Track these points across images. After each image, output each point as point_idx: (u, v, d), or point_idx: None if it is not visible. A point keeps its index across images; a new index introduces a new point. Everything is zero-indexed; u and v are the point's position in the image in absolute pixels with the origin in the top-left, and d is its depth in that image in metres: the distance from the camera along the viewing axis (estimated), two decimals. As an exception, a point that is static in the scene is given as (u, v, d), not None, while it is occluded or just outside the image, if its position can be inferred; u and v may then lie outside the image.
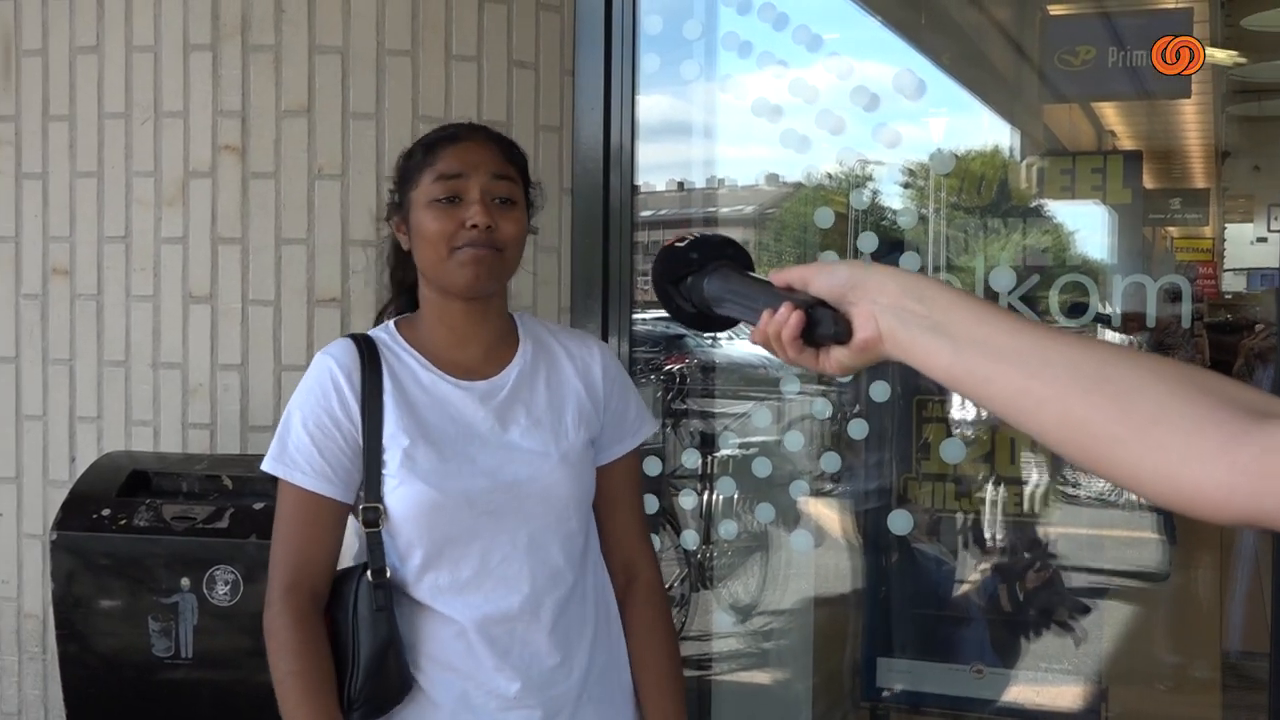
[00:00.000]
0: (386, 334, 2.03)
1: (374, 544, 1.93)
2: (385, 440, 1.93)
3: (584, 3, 3.18)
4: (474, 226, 1.91)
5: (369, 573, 1.93)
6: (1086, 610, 3.52)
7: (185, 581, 2.73)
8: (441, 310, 2.01)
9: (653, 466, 3.09)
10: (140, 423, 3.19)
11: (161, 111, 3.16)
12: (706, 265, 1.35)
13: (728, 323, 1.36)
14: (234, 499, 2.83)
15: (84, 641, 2.80)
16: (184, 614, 2.73)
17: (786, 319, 1.17)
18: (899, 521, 3.22)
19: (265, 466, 1.95)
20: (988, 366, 1.04)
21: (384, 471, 1.93)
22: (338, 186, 3.10)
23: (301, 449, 1.93)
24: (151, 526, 2.77)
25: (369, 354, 1.97)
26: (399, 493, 1.92)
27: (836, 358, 1.17)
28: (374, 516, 1.93)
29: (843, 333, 1.15)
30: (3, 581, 3.32)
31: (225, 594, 2.71)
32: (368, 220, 3.10)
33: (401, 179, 2.02)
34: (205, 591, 2.72)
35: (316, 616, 1.93)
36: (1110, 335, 3.29)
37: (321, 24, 3.09)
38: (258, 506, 2.76)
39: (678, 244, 1.39)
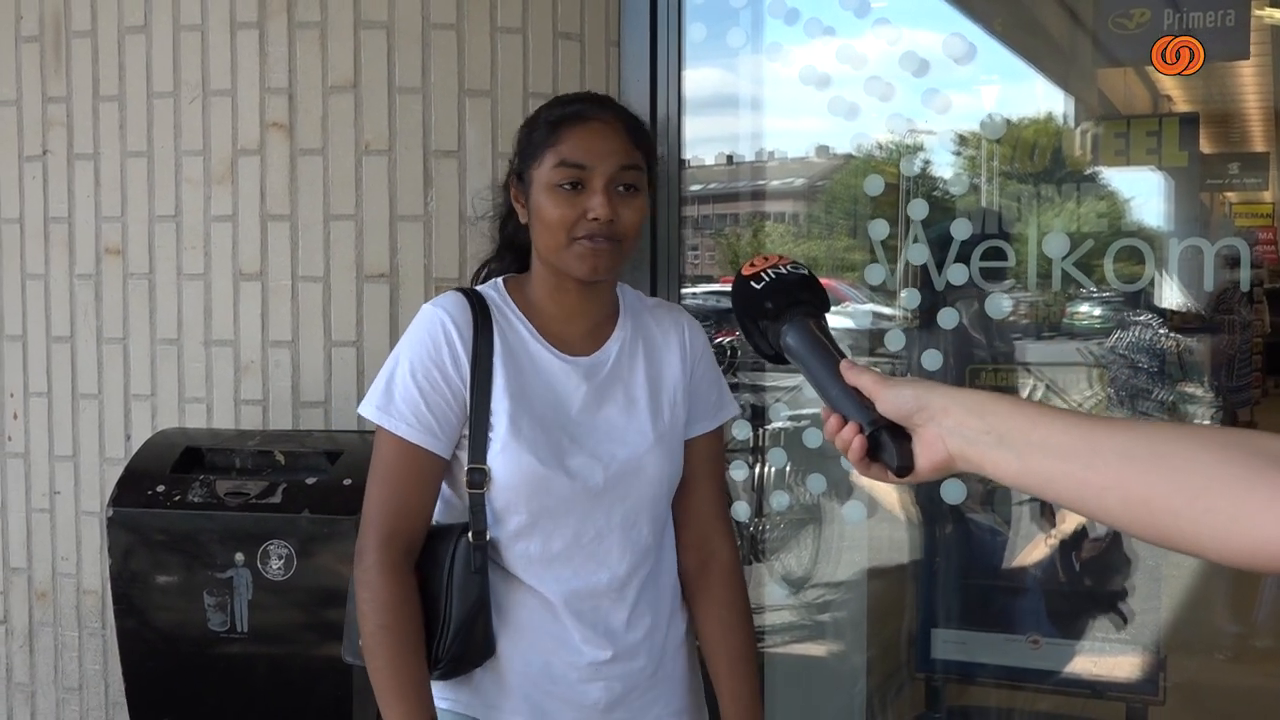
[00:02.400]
0: (496, 293, 2.01)
1: (476, 506, 1.92)
2: (493, 403, 1.92)
3: (629, -28, 3.18)
4: (595, 219, 1.89)
5: (469, 534, 1.92)
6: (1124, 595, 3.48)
7: (239, 556, 2.75)
8: (554, 287, 2.00)
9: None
10: (193, 400, 3.21)
11: (209, 90, 3.17)
12: (783, 313, 1.37)
13: None
14: (286, 474, 2.84)
15: (142, 616, 2.83)
16: (238, 588, 2.75)
17: (851, 440, 1.25)
18: (952, 491, 3.20)
19: (367, 414, 1.94)
20: (1049, 466, 1.09)
21: (489, 434, 1.91)
22: (385, 162, 3.10)
23: (409, 400, 1.91)
24: (205, 502, 2.79)
25: (481, 312, 1.95)
26: (502, 459, 1.90)
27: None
28: (479, 479, 1.92)
29: (905, 468, 1.22)
30: (62, 559, 3.36)
31: (279, 568, 2.73)
32: (416, 195, 3.10)
33: (522, 152, 2.00)
34: (259, 566, 2.74)
35: (410, 571, 1.92)
36: (1168, 299, 3.25)
37: (366, -1, 3.09)
38: (310, 481, 2.78)
39: (754, 283, 1.40)
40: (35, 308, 3.35)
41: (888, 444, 1.22)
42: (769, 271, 1.40)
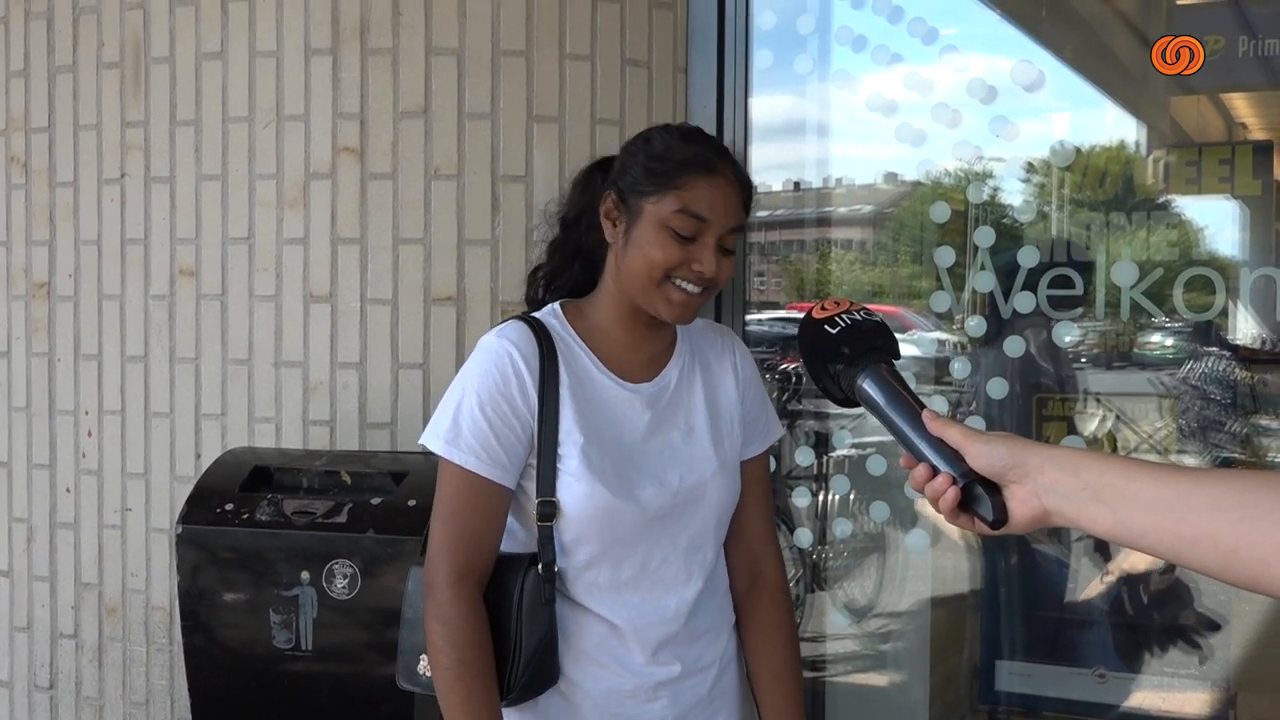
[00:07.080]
0: (556, 320, 2.01)
1: (546, 538, 1.92)
2: (560, 434, 1.91)
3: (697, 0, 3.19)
4: (700, 272, 1.91)
5: (539, 565, 1.92)
6: (1216, 626, 3.41)
7: (305, 575, 2.77)
8: (624, 315, 2.01)
9: (766, 465, 3.07)
10: (263, 420, 3.26)
11: (283, 115, 3.22)
12: (858, 360, 1.37)
13: None
14: (352, 494, 2.87)
15: (208, 633, 2.86)
16: (304, 607, 2.78)
17: (944, 491, 1.26)
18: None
19: (434, 447, 1.93)
20: (1143, 520, 1.13)
21: (558, 466, 1.91)
22: (454, 187, 3.13)
23: (478, 434, 1.90)
24: (272, 521, 2.82)
25: (546, 342, 1.95)
26: (574, 490, 1.90)
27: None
28: (550, 511, 1.91)
29: (1000, 521, 1.23)
30: (132, 575, 3.41)
31: (344, 588, 2.76)
32: (483, 219, 3.12)
33: (631, 174, 1.96)
34: (324, 585, 2.76)
35: (482, 604, 1.90)
36: (1240, 329, 3.20)
37: (437, 26, 3.12)
38: (375, 502, 2.80)
39: (828, 328, 1.39)
40: (111, 327, 3.42)
41: (983, 497, 1.23)
42: (843, 317, 1.39)
